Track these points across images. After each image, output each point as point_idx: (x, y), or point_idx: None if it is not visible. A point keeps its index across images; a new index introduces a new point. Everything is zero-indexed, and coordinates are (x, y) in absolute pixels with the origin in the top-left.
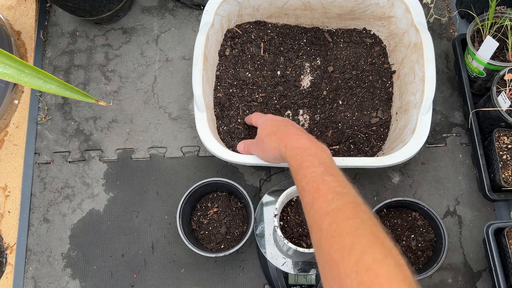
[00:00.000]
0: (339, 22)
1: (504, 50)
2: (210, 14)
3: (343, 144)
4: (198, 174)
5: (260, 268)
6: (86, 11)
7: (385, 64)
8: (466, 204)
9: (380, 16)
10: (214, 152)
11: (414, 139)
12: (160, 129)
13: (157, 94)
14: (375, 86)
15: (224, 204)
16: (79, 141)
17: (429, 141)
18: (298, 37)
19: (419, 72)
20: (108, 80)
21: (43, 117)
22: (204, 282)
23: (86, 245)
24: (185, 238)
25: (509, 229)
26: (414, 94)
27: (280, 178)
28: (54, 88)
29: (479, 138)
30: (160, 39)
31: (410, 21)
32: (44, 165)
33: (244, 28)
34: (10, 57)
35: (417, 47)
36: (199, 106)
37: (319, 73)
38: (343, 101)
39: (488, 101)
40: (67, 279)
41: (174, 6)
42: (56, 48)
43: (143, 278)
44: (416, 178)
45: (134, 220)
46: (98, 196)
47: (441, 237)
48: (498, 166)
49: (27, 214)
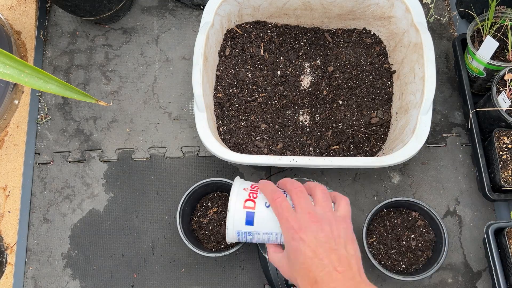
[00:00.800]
0: (339, 22)
1: (504, 50)
2: (210, 14)
3: (343, 144)
4: (198, 174)
5: (260, 268)
6: (86, 11)
7: (385, 64)
8: (466, 204)
9: (380, 16)
10: (214, 152)
11: (414, 139)
12: (160, 129)
13: (157, 94)
14: (375, 86)
15: (224, 204)
16: (79, 141)
17: (429, 141)
18: (298, 37)
19: (419, 72)
20: (108, 80)
21: (43, 117)
22: (204, 282)
23: (86, 245)
24: (185, 238)
25: (509, 229)
26: (414, 94)
27: (280, 178)
28: (54, 88)
29: (479, 138)
30: (160, 39)
31: (410, 21)
32: (44, 165)
33: (244, 28)
34: (10, 57)
35: (417, 47)
36: (199, 106)
37: (319, 73)
38: (343, 101)
39: (488, 101)
40: (67, 279)
41: (174, 6)
42: (56, 48)
43: (143, 278)
44: (416, 178)
45: (134, 220)
46: (98, 196)
47: (441, 237)
48: (498, 166)
49: (27, 214)
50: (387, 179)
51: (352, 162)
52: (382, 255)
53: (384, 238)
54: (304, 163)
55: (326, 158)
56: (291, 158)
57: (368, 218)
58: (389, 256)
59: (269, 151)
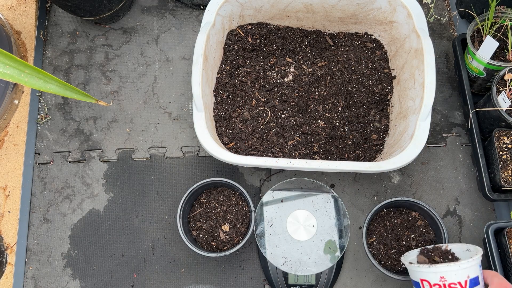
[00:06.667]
0: (340, 25)
1: (504, 50)
2: (211, 14)
3: (342, 148)
4: (198, 174)
5: (260, 268)
6: (86, 11)
7: (385, 69)
8: (466, 204)
9: (382, 21)
10: (211, 152)
11: (412, 145)
12: (160, 129)
13: (157, 94)
14: (375, 91)
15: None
16: (79, 141)
17: (429, 141)
18: (300, 40)
19: (419, 78)
20: (108, 80)
21: (43, 117)
22: (204, 282)
23: (86, 245)
24: (185, 238)
25: (509, 229)
26: (413, 100)
27: (280, 178)
28: (54, 88)
29: (479, 138)
30: (160, 39)
31: (412, 27)
32: (44, 165)
33: (246, 29)
34: (10, 57)
35: (418, 53)
36: (198, 105)
37: (319, 77)
38: (342, 106)
39: (488, 101)
40: (67, 279)
41: (174, 6)
42: (56, 48)
43: (143, 278)
44: (416, 178)
45: (134, 220)
46: (98, 196)
47: (441, 237)
48: (498, 166)
49: (27, 214)
50: (387, 179)
51: (349, 166)
52: (382, 255)
53: (384, 238)
54: (301, 166)
55: (323, 162)
56: (288, 161)
57: (368, 218)
58: (389, 256)
59: (269, 152)
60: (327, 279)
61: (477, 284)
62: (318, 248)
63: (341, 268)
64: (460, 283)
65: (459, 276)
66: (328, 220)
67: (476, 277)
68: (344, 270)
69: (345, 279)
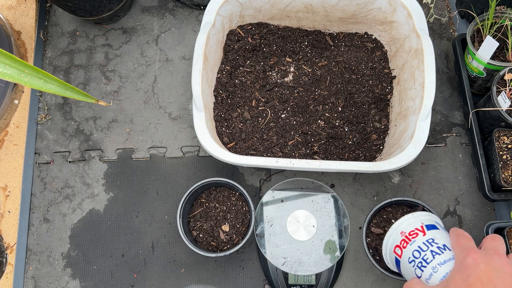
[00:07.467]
0: (340, 25)
1: (504, 50)
2: (211, 14)
3: (342, 148)
4: (198, 174)
5: (260, 268)
6: (86, 11)
7: (385, 69)
8: (466, 204)
9: (382, 21)
10: (211, 152)
11: (412, 145)
12: (160, 129)
13: (157, 94)
14: (375, 91)
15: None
16: (79, 141)
17: (429, 141)
18: (300, 40)
19: (419, 78)
20: (108, 80)
21: (43, 117)
22: (204, 282)
23: (86, 245)
24: (185, 238)
25: (509, 229)
26: (413, 100)
27: (280, 178)
28: (54, 88)
29: (479, 138)
30: (160, 39)
31: (412, 27)
32: (44, 165)
33: (246, 29)
34: (10, 57)
35: (418, 53)
36: (198, 105)
37: (319, 77)
38: (342, 106)
39: (488, 101)
40: (67, 279)
41: (174, 6)
42: (56, 48)
43: (143, 278)
44: (416, 178)
45: (134, 220)
46: (98, 196)
47: None
48: (498, 166)
49: (27, 214)
50: (387, 179)
51: (349, 166)
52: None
53: (383, 238)
54: (301, 166)
55: (323, 162)
56: (288, 161)
57: (368, 218)
58: None
59: (270, 151)
60: (327, 279)
61: (434, 228)
62: (318, 248)
63: (341, 268)
64: (417, 228)
65: (414, 224)
66: (328, 220)
67: (433, 225)
68: (344, 270)
69: (345, 279)
